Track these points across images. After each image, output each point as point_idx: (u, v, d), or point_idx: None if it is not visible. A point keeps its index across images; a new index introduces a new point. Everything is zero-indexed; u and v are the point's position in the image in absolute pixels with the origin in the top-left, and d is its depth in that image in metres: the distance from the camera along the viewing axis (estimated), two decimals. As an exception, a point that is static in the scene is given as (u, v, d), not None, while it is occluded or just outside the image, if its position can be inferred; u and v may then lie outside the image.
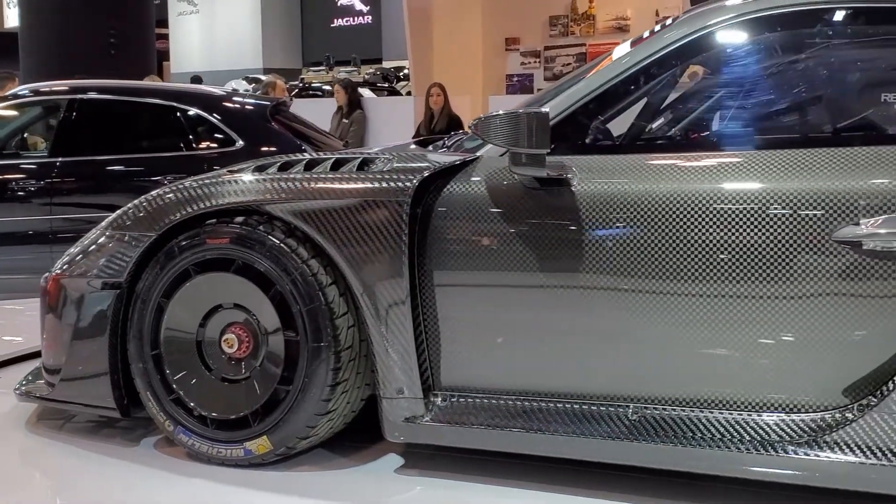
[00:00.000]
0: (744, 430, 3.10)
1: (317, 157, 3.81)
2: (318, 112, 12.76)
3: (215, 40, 30.49)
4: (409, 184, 3.36)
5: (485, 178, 3.42)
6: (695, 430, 3.15)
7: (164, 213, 3.66)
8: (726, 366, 3.15)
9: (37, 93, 8.38)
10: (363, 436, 3.77)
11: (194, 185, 3.66)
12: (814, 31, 3.52)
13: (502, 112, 3.28)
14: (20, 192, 7.74)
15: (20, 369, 4.62)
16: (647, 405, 3.25)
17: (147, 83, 10.83)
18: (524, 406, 3.37)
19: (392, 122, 13.98)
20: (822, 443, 3.01)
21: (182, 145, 7.74)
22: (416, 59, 15.40)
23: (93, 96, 7.99)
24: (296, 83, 19.49)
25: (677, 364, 3.21)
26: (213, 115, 7.80)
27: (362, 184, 3.45)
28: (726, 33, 3.49)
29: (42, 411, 4.24)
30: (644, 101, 3.83)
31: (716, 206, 3.10)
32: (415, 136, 12.31)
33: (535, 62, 16.66)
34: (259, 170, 3.72)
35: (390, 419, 3.44)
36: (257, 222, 3.53)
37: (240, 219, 3.56)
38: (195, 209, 3.59)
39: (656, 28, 3.66)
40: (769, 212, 3.05)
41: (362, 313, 3.41)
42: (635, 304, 3.21)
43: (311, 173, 3.56)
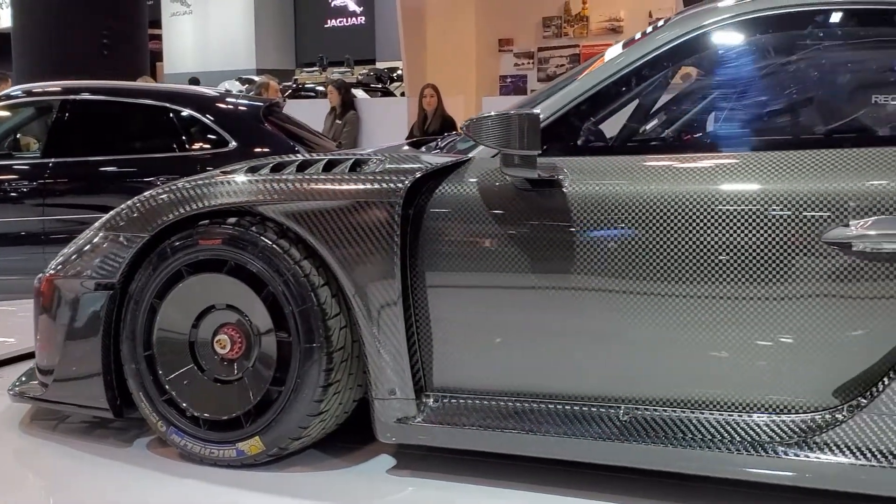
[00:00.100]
0: (734, 431, 3.11)
1: (309, 158, 3.81)
2: (311, 113, 12.75)
3: (209, 41, 30.46)
4: (400, 185, 3.37)
5: (477, 179, 3.43)
6: (685, 431, 3.16)
7: (156, 213, 3.66)
8: (717, 367, 3.16)
9: (29, 93, 8.37)
10: (355, 437, 3.78)
11: (187, 185, 3.66)
12: (805, 33, 3.52)
13: (494, 113, 3.28)
14: (13, 193, 7.72)
15: (14, 370, 4.62)
16: (638, 406, 3.26)
17: (140, 84, 10.82)
18: (516, 407, 3.38)
19: (385, 123, 13.96)
20: (813, 444, 3.01)
21: (175, 146, 7.73)
22: (410, 60, 15.40)
23: (85, 97, 7.98)
24: (289, 84, 19.46)
25: (668, 365, 3.22)
26: (206, 115, 7.80)
27: (354, 185, 3.45)
28: (719, 35, 3.49)
29: (36, 412, 4.24)
30: (636, 102, 3.84)
31: (707, 207, 3.11)
32: (408, 137, 12.30)
33: (529, 63, 16.67)
34: (252, 171, 3.72)
35: (382, 420, 3.44)
36: (250, 223, 3.53)
37: (232, 220, 3.56)
38: (188, 210, 3.60)
39: (648, 30, 3.66)
40: (760, 213, 3.05)
41: (354, 314, 3.41)
42: (626, 305, 3.21)
43: (304, 174, 3.56)
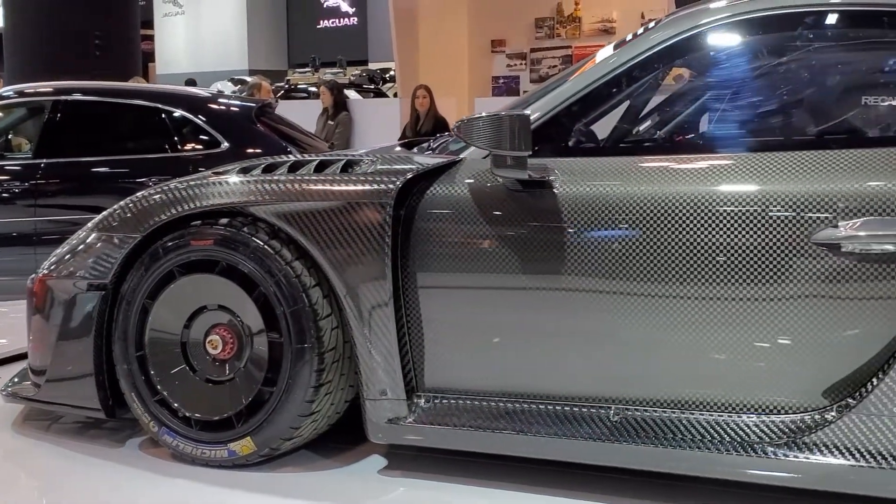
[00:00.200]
0: (724, 432, 3.12)
1: (301, 158, 3.81)
2: (303, 114, 12.75)
3: (201, 41, 30.42)
4: (392, 186, 3.37)
5: (468, 180, 3.43)
6: (675, 432, 3.17)
7: (148, 214, 3.67)
8: (707, 367, 3.17)
9: (21, 94, 8.37)
10: (347, 437, 3.78)
11: (179, 186, 3.67)
12: (796, 35, 3.53)
13: (485, 114, 3.29)
14: (4, 194, 7.72)
15: (7, 371, 4.61)
16: (629, 406, 3.27)
17: (132, 84, 10.82)
18: (507, 407, 3.38)
19: (378, 124, 13.96)
20: (802, 444, 3.02)
21: (167, 147, 7.74)
22: (402, 61, 15.39)
23: (77, 97, 7.98)
24: (281, 84, 19.45)
25: (658, 366, 3.23)
26: (199, 116, 7.80)
27: (346, 186, 3.46)
28: (709, 36, 3.49)
29: (29, 412, 4.24)
30: (628, 103, 3.84)
31: (697, 208, 3.11)
32: (401, 138, 12.30)
33: (521, 64, 16.68)
34: (244, 171, 3.73)
35: (373, 420, 3.45)
36: (241, 224, 3.54)
37: (224, 220, 3.57)
38: (179, 211, 3.61)
39: (639, 31, 3.66)
40: (749, 214, 3.06)
41: (346, 315, 3.42)
42: (617, 306, 3.22)
43: (295, 175, 3.57)
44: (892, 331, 2.96)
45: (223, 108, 8.26)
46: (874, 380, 2.98)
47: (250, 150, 7.63)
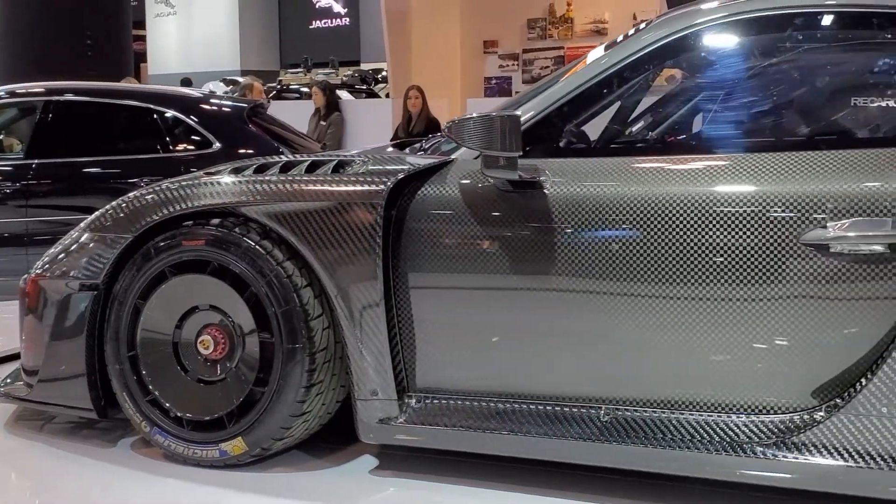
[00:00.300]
0: (713, 432, 3.13)
1: (293, 159, 3.82)
2: (295, 114, 12.74)
3: (193, 42, 30.33)
4: (382, 186, 3.38)
5: (459, 180, 3.44)
6: (665, 432, 3.18)
7: (140, 214, 3.67)
8: (697, 368, 3.17)
9: (13, 94, 8.34)
10: (339, 437, 3.79)
11: (171, 187, 3.67)
12: (788, 36, 3.54)
13: (475, 115, 3.29)
14: (-5, 195, 7.71)
15: (0, 371, 4.62)
16: (619, 407, 3.27)
17: (124, 85, 10.81)
18: (498, 408, 3.39)
19: (370, 125, 13.95)
20: (791, 444, 3.03)
21: (159, 147, 7.72)
22: (394, 62, 15.40)
23: (69, 98, 7.97)
24: (273, 85, 19.41)
25: (649, 366, 3.23)
26: (190, 116, 7.79)
27: (337, 186, 3.46)
28: (700, 37, 3.49)
29: (21, 412, 4.25)
30: (619, 104, 3.85)
31: (687, 209, 3.12)
32: (393, 139, 12.30)
33: (514, 65, 16.70)
34: (235, 172, 3.73)
35: (364, 420, 3.46)
36: (233, 224, 3.54)
37: (216, 221, 3.57)
38: (171, 211, 3.61)
39: (630, 32, 3.66)
40: (739, 215, 3.06)
41: (337, 315, 3.42)
42: (607, 306, 3.23)
43: (287, 175, 3.57)
44: (880, 331, 2.97)
45: (215, 108, 8.25)
46: (863, 380, 2.98)
47: (242, 151, 7.62)
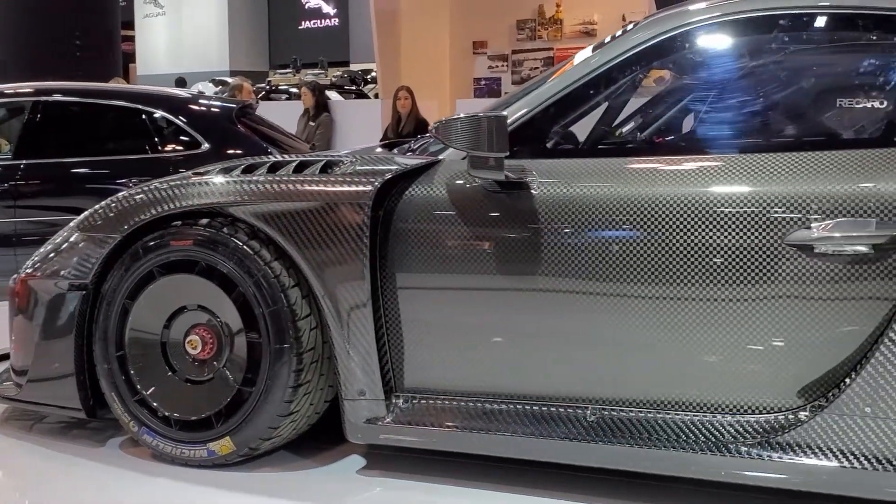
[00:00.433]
0: (698, 432, 3.14)
1: (281, 159, 3.82)
2: (284, 115, 12.73)
3: (182, 42, 30.27)
4: (370, 187, 3.38)
5: (446, 181, 3.45)
6: (651, 432, 3.19)
7: (129, 214, 3.68)
8: (682, 368, 3.18)
9: (1, 94, 8.33)
10: (327, 437, 3.80)
11: (160, 187, 3.68)
12: (776, 37, 3.54)
13: (463, 115, 3.30)
14: (-16, 195, 7.69)
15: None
16: (605, 407, 3.28)
17: (112, 85, 10.79)
18: (485, 408, 3.40)
19: (359, 125, 13.94)
20: (775, 444, 3.04)
21: (147, 148, 7.71)
22: (384, 62, 15.38)
23: (58, 98, 7.96)
24: (262, 85, 19.38)
25: (634, 366, 3.24)
26: (179, 117, 7.78)
27: (324, 186, 3.47)
28: (688, 38, 3.49)
29: (11, 412, 4.25)
30: (606, 105, 3.85)
31: (672, 209, 3.13)
32: (382, 139, 12.30)
33: (503, 66, 16.69)
34: (224, 172, 3.73)
35: (352, 420, 3.46)
36: (221, 224, 3.55)
37: (204, 221, 3.58)
38: (159, 211, 3.61)
39: (618, 33, 3.67)
40: (726, 216, 3.07)
41: (325, 315, 3.43)
42: (594, 306, 3.24)
43: (274, 176, 3.58)
44: (864, 331, 2.98)
45: (204, 109, 8.24)
46: (847, 380, 2.99)
47: (231, 151, 7.62)
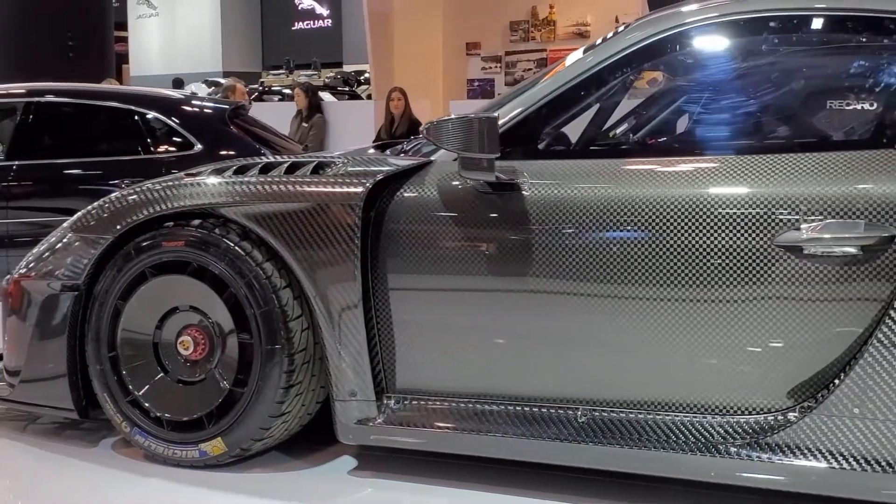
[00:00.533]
0: (688, 432, 3.14)
1: (273, 160, 3.83)
2: (277, 116, 12.72)
3: (175, 43, 30.24)
4: (361, 188, 3.39)
5: (437, 182, 3.45)
6: (640, 432, 3.19)
7: (121, 215, 3.68)
8: (671, 369, 3.19)
9: (-7, 95, 8.33)
10: (319, 438, 3.80)
11: (152, 187, 3.68)
12: (767, 39, 3.55)
13: (454, 116, 3.30)
14: (-24, 196, 7.68)
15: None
16: (595, 408, 3.29)
17: (105, 86, 10.78)
18: (475, 409, 3.40)
19: (352, 126, 13.92)
20: (764, 444, 3.05)
21: (140, 149, 7.70)
22: (377, 63, 15.38)
23: (50, 99, 7.94)
24: (255, 86, 19.36)
25: (624, 367, 3.25)
26: (172, 118, 7.78)
27: (315, 187, 3.47)
28: (680, 39, 3.48)
29: (4, 412, 4.25)
30: (598, 106, 3.86)
31: (663, 211, 3.13)
32: (375, 140, 12.30)
33: (497, 67, 16.70)
34: (216, 173, 3.74)
35: (343, 421, 3.47)
36: (213, 225, 3.55)
37: (196, 222, 3.58)
38: (151, 212, 3.62)
39: (609, 35, 3.66)
40: (716, 217, 3.08)
41: (316, 316, 3.44)
42: (585, 308, 3.24)
43: (266, 177, 3.58)
44: (853, 332, 2.99)
45: (196, 109, 8.24)
46: (836, 381, 3.00)
47: (224, 152, 7.61)
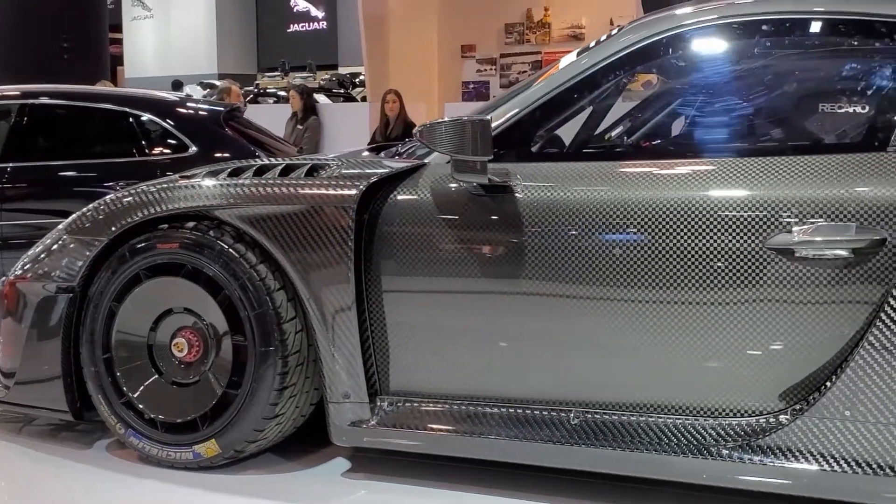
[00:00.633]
0: (680, 435, 3.15)
1: (268, 162, 3.83)
2: (272, 118, 12.72)
3: (170, 45, 30.23)
4: (355, 190, 3.39)
5: (431, 184, 3.46)
6: (633, 435, 3.20)
7: (116, 217, 3.69)
8: (663, 371, 3.19)
9: (-12, 97, 8.32)
10: (313, 440, 3.81)
11: (147, 190, 3.69)
12: (761, 42, 3.56)
13: (447, 119, 3.31)
14: (-30, 198, 7.67)
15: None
16: (588, 410, 3.29)
17: (100, 88, 10.78)
18: (469, 411, 3.41)
19: (347, 129, 13.93)
20: (756, 447, 3.05)
21: (135, 151, 7.70)
22: (372, 66, 15.39)
23: (45, 101, 7.94)
24: (251, 88, 19.35)
25: (617, 370, 3.25)
26: (166, 120, 7.77)
27: (309, 189, 3.48)
28: (673, 42, 3.48)
29: (0, 414, 4.25)
30: (591, 109, 3.86)
31: (655, 213, 3.14)
32: (370, 143, 12.30)
33: (491, 69, 16.71)
34: (211, 175, 3.74)
35: (337, 423, 3.47)
36: (207, 227, 3.56)
37: (190, 224, 3.59)
38: (146, 214, 3.63)
39: (602, 38, 3.67)
40: (708, 219, 3.08)
41: (310, 318, 3.44)
42: (577, 310, 3.25)
43: (260, 179, 3.59)
44: (844, 335, 2.99)
45: (191, 112, 8.23)
46: (827, 383, 3.01)
47: (219, 155, 7.60)
